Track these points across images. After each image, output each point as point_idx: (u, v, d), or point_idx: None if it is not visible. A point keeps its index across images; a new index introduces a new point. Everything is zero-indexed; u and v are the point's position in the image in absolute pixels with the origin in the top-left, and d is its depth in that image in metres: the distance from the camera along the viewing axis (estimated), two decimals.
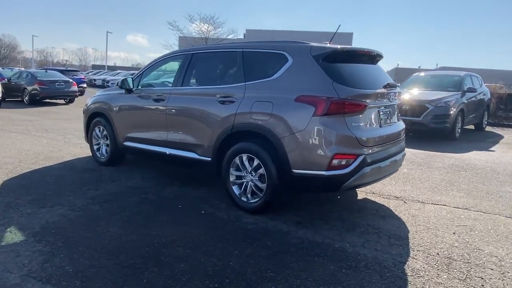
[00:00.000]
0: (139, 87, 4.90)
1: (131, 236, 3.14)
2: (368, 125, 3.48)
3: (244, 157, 3.67)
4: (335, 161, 3.21)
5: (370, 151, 3.41)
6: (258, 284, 2.49)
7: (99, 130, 5.45)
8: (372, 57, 3.91)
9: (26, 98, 14.63)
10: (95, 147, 5.57)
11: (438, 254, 3.02)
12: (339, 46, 3.52)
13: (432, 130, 8.56)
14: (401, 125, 4.13)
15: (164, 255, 2.83)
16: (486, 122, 11.03)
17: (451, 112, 8.51)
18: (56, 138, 7.58)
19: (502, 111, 12.47)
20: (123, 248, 2.93)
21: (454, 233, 3.44)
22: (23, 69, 24.81)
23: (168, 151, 4.43)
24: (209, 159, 4.00)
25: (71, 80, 15.54)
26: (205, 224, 3.45)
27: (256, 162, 3.58)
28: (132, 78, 4.87)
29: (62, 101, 16.03)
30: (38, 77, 14.70)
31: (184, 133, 4.23)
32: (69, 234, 3.14)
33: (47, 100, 15.51)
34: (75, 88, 15.49)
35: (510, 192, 4.79)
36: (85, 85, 20.14)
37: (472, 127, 10.83)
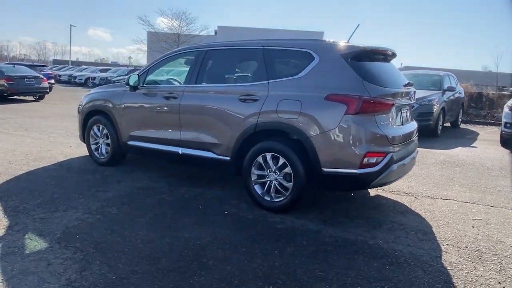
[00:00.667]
0: (145, 84, 4.73)
1: (164, 239, 3.03)
2: (393, 124, 3.55)
3: (268, 156, 3.63)
4: (366, 159, 3.25)
5: (396, 149, 3.48)
6: (311, 284, 2.47)
7: (98, 129, 5.21)
8: (388, 56, 3.99)
9: None
10: (93, 147, 5.32)
11: (467, 247, 3.14)
12: (365, 45, 3.55)
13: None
14: (415, 124, 4.24)
15: (206, 258, 2.75)
16: (461, 120, 11.59)
17: (435, 110, 8.86)
18: (40, 137, 7.16)
19: (473, 109, 13.16)
20: (160, 252, 2.82)
21: (473, 227, 3.58)
22: None
23: (180, 150, 4.30)
24: (228, 158, 3.92)
25: (41, 76, 14.74)
26: (233, 225, 3.39)
27: (281, 161, 3.55)
28: (137, 74, 4.68)
29: (31, 98, 15.20)
30: (5, 72, 13.81)
31: (199, 132, 4.12)
32: (96, 240, 2.98)
33: (14, 97, 14.63)
34: (45, 84, 14.71)
35: (506, 186, 5.06)
36: (53, 81, 19.17)
37: (448, 124, 11.32)
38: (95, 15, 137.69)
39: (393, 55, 4.03)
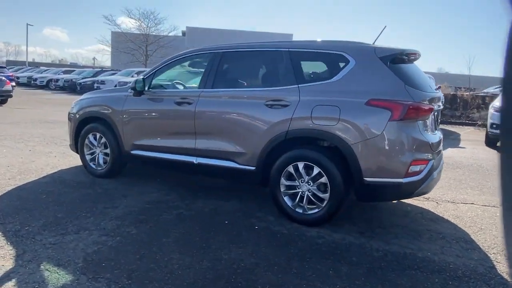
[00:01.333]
0: (151, 89, 4.35)
1: (204, 263, 2.71)
2: (430, 130, 3.43)
3: (301, 165, 3.40)
4: (411, 168, 3.10)
5: (435, 156, 3.36)
6: None
7: (95, 138, 4.75)
8: (415, 59, 3.87)
9: None
10: (88, 157, 4.85)
11: None
12: (402, 48, 3.41)
13: None
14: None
15: (259, 283, 2.47)
16: (439, 121, 11.91)
17: None
18: (16, 146, 6.50)
19: (448, 110, 13.61)
20: (206, 279, 2.50)
21: None
22: None
23: (196, 160, 3.98)
24: (253, 168, 3.65)
25: (4, 78, 13.64)
26: (270, 242, 3.12)
27: (316, 170, 3.33)
28: (143, 78, 4.29)
29: None
30: None
31: (218, 140, 3.82)
32: (127, 267, 2.61)
33: None
34: (9, 87, 13.62)
35: None
36: (14, 84, 17.84)
37: None
38: (51, 14, 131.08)
39: (419, 57, 3.92)
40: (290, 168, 3.45)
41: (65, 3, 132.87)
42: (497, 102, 8.44)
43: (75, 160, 5.62)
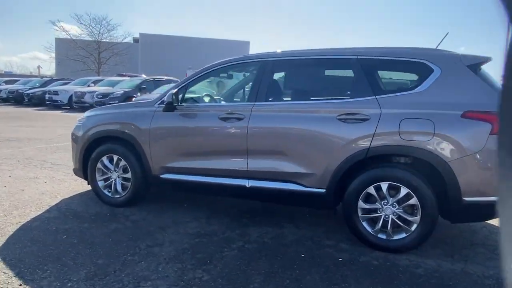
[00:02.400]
0: (183, 103, 3.78)
1: None
2: None
3: (384, 186, 3.04)
4: None
5: None
6: None
7: (111, 161, 4.05)
8: None
9: None
10: (101, 183, 4.13)
11: None
12: (486, 55, 3.19)
13: None
14: None
15: None
16: None
17: None
18: None
19: None
20: None
21: None
22: None
23: (248, 183, 3.47)
24: (323, 190, 3.23)
25: None
26: (370, 278, 2.71)
27: (404, 191, 2.99)
28: (176, 91, 3.71)
29: None
30: None
31: (278, 160, 3.35)
32: None
33: None
34: None
35: None
36: None
37: None
38: None
39: None
40: (371, 190, 3.08)
41: None
42: None
43: (72, 185, 4.85)
